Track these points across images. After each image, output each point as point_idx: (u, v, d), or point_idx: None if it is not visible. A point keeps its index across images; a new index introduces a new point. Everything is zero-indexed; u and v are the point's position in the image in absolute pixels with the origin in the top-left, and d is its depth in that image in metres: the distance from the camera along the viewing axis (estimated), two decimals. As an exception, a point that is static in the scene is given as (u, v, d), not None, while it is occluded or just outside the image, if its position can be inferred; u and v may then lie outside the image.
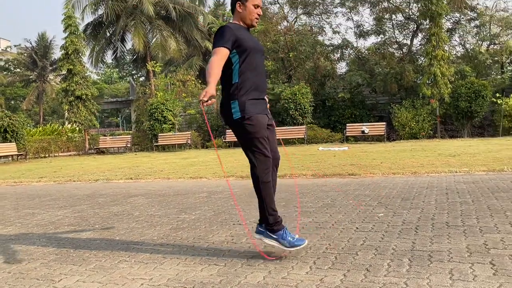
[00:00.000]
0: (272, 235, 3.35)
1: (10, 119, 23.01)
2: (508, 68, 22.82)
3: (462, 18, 23.07)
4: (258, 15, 3.44)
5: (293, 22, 26.06)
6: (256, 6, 3.40)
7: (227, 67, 3.32)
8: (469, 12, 22.71)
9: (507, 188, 5.85)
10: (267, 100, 3.58)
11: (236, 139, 3.48)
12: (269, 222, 3.36)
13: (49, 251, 4.10)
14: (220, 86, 3.44)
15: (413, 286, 2.67)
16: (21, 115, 25.78)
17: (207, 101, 2.94)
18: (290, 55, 24.09)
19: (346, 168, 9.32)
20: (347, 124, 20.53)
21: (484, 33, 22.49)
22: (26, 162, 20.29)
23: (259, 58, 3.44)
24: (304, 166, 10.29)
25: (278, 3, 26.08)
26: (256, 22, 3.47)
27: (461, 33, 23.39)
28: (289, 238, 3.30)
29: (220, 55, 3.20)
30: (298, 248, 3.31)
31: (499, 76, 21.77)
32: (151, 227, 4.82)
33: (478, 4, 22.57)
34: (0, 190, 9.71)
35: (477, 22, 22.81)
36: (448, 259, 3.13)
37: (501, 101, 18.88)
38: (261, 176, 3.33)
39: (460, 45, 23.92)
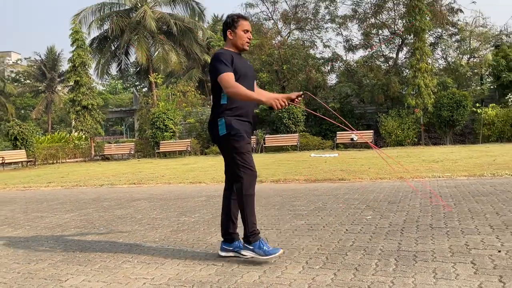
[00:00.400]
0: (248, 246, 3.30)
1: (20, 128, 23.00)
2: (487, 80, 22.93)
3: (444, 33, 23.20)
4: (249, 38, 3.44)
5: (286, 37, 26.14)
6: (246, 31, 3.40)
7: (219, 88, 3.34)
8: (450, 28, 22.86)
9: (486, 192, 5.87)
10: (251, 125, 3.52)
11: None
12: (247, 233, 3.33)
13: (56, 252, 4.09)
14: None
15: (399, 284, 2.68)
16: (30, 123, 25.69)
17: (292, 101, 3.40)
18: (284, 68, 24.17)
19: (336, 173, 9.34)
20: (337, 132, 20.54)
21: (465, 47, 22.62)
22: (35, 168, 20.21)
23: (247, 83, 3.38)
24: (297, 171, 10.30)
25: (273, 19, 26.20)
26: (247, 46, 3.46)
27: (443, 47, 23.51)
28: (265, 247, 3.22)
29: (233, 79, 3.25)
30: (272, 256, 3.21)
31: (478, 87, 21.86)
32: (153, 229, 4.81)
33: (458, 20, 22.73)
34: (11, 195, 9.67)
35: (458, 37, 22.94)
36: (432, 259, 3.13)
37: (480, 110, 18.96)
38: (246, 189, 3.31)
39: (442, 58, 24.08)
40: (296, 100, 3.42)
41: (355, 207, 5.35)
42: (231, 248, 3.44)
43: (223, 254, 3.47)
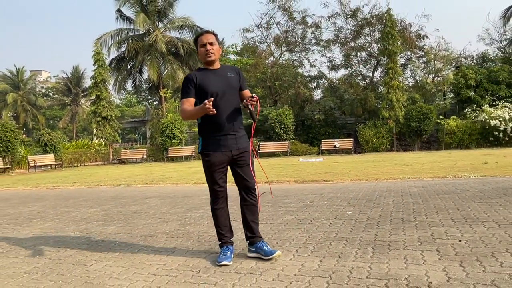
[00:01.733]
0: (221, 249, 3.18)
1: (49, 135, 23.02)
2: (449, 96, 23.07)
3: (413, 55, 23.34)
4: (207, 50, 3.05)
5: (278, 57, 26.19)
6: (202, 45, 3.07)
7: None
8: (418, 51, 23.00)
9: (449, 191, 5.90)
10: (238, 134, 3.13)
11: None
12: (218, 239, 3.22)
13: (81, 241, 4.09)
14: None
15: (376, 269, 2.70)
16: (58, 132, 25.57)
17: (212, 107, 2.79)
18: (276, 84, 24.23)
19: (322, 175, 9.35)
20: (322, 140, 20.60)
21: (430, 68, 22.78)
22: (62, 170, 20.10)
23: (223, 98, 3.04)
24: (287, 174, 10.31)
25: (266, 42, 26.25)
26: (208, 57, 3.07)
27: (412, 68, 23.65)
28: (220, 256, 3.07)
29: (186, 105, 3.03)
30: (220, 264, 2.99)
31: (441, 102, 22.00)
32: (164, 223, 4.81)
33: (425, 44, 22.88)
34: (42, 193, 9.62)
35: (424, 59, 23.09)
36: (403, 247, 3.16)
37: (443, 122, 19.09)
38: (211, 204, 3.19)
39: (411, 77, 24.18)
40: (247, 102, 2.97)
41: (337, 204, 5.36)
42: (253, 249, 3.15)
43: (249, 255, 3.17)
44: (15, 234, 4.69)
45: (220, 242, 3.20)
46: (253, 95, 3.02)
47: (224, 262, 2.99)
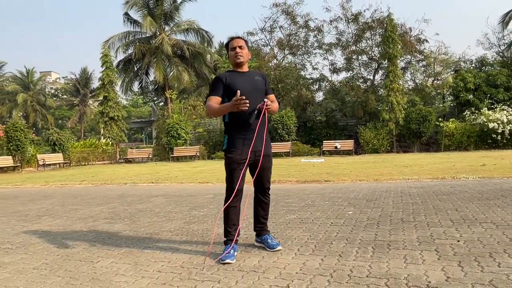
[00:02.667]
0: (225, 246, 3.18)
1: (58, 135, 23.12)
2: (448, 98, 22.99)
3: (413, 59, 23.27)
4: (237, 53, 3.19)
5: (281, 60, 26.17)
6: (233, 49, 3.20)
7: None
8: (418, 55, 22.93)
9: (447, 192, 5.89)
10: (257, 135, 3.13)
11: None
12: (224, 236, 3.22)
13: (89, 238, 4.10)
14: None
15: (376, 268, 2.69)
16: (66, 131, 25.65)
17: (247, 105, 2.89)
18: (279, 86, 24.19)
19: (323, 176, 9.34)
20: (324, 141, 20.57)
21: (430, 71, 22.71)
22: (70, 169, 20.16)
23: (250, 98, 3.01)
24: (289, 174, 10.30)
25: (269, 45, 26.26)
26: (238, 60, 3.18)
27: (412, 71, 23.56)
28: (224, 254, 3.04)
29: (211, 102, 3.12)
30: (223, 261, 2.99)
31: (441, 105, 21.93)
32: (169, 221, 4.81)
33: (425, 48, 22.80)
34: (50, 190, 9.65)
35: (424, 63, 23.00)
36: (402, 247, 3.15)
37: (442, 124, 19.02)
38: (224, 200, 3.18)
39: (411, 80, 24.08)
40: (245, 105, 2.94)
41: (338, 204, 5.36)
42: (259, 240, 3.39)
43: (256, 244, 3.42)
44: (24, 230, 4.71)
45: (226, 239, 3.21)
46: (265, 100, 3.12)
47: (227, 261, 2.99)
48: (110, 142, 26.63)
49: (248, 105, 2.89)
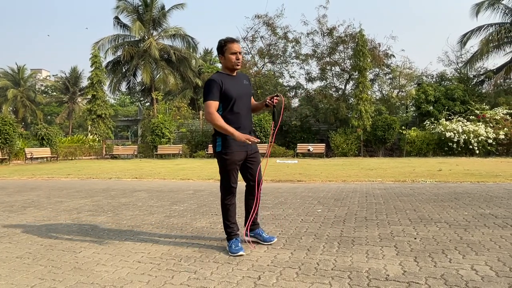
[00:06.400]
0: (227, 241, 3.12)
1: (46, 130, 22.46)
2: (411, 109, 23.48)
3: (381, 72, 23.65)
4: (237, 59, 3.05)
5: (261, 68, 26.21)
6: (234, 53, 3.03)
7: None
8: (385, 68, 23.31)
9: (407, 194, 6.00)
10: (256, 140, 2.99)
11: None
12: (225, 231, 3.16)
13: (72, 229, 3.99)
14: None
15: (341, 262, 2.72)
16: (55, 127, 24.98)
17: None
18: (258, 92, 24.18)
19: (296, 176, 9.39)
20: (298, 144, 20.67)
21: (395, 83, 23.16)
22: (57, 163, 19.59)
23: (242, 102, 3.04)
24: (265, 174, 10.29)
25: (251, 54, 26.20)
26: (237, 66, 3.05)
27: (380, 83, 23.96)
28: (233, 247, 3.00)
29: (214, 108, 2.94)
30: (234, 255, 2.94)
31: (404, 114, 22.40)
32: (150, 215, 4.74)
33: (391, 63, 23.20)
34: (37, 183, 9.36)
35: (390, 76, 23.43)
36: (365, 243, 3.19)
37: (405, 132, 19.42)
38: (222, 199, 3.11)
39: (378, 91, 24.45)
40: (273, 100, 3.06)
41: (309, 202, 5.39)
42: (252, 235, 3.29)
43: (245, 238, 3.26)
44: (9, 221, 4.55)
45: (228, 235, 3.12)
46: (278, 93, 3.07)
47: (240, 253, 2.94)
48: (97, 139, 26.01)
49: (257, 141, 2.91)
